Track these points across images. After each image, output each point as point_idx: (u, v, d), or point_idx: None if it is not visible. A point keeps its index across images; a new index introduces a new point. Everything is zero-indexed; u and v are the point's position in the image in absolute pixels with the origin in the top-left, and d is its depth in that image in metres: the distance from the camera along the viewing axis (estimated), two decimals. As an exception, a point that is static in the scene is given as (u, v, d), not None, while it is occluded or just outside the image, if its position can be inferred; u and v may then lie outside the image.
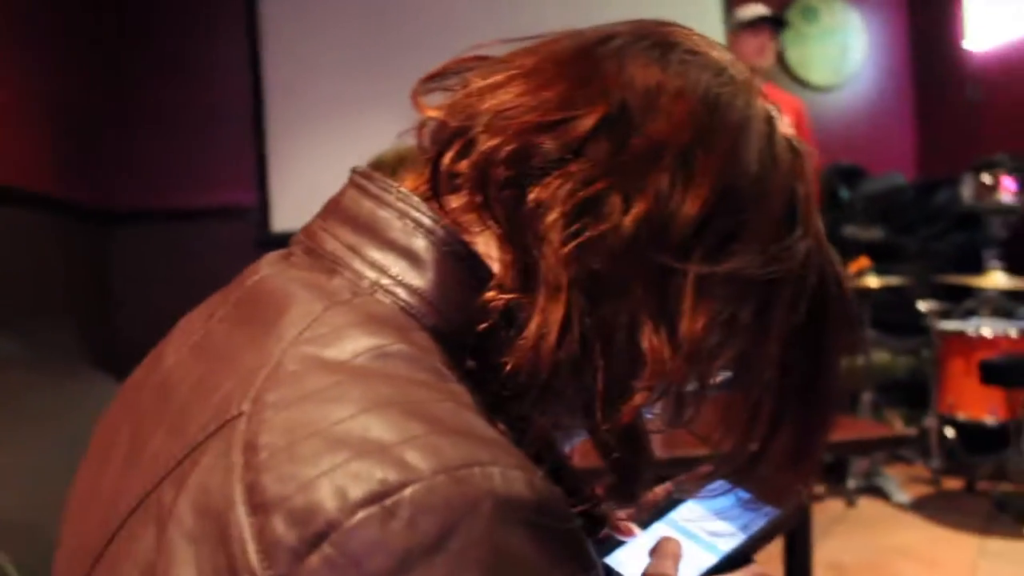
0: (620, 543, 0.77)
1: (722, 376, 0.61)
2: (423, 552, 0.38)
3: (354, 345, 0.47)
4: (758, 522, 0.73)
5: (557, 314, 0.51)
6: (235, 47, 4.51)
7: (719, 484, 0.73)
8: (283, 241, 0.62)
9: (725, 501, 0.74)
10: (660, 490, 0.81)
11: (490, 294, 0.53)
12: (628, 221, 0.52)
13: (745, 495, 0.72)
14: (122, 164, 4.39)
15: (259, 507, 0.40)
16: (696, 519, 0.77)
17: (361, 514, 0.38)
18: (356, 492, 0.39)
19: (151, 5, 4.49)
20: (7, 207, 3.28)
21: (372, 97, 4.41)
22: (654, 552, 0.68)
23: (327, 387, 0.44)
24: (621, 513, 0.78)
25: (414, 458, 0.40)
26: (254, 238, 4.42)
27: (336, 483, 0.39)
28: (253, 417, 0.43)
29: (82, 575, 0.51)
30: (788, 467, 0.64)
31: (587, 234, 0.52)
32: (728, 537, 0.74)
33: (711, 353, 0.57)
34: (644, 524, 0.82)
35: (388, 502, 0.38)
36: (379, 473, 0.39)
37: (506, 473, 0.41)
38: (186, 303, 0.63)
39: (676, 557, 0.67)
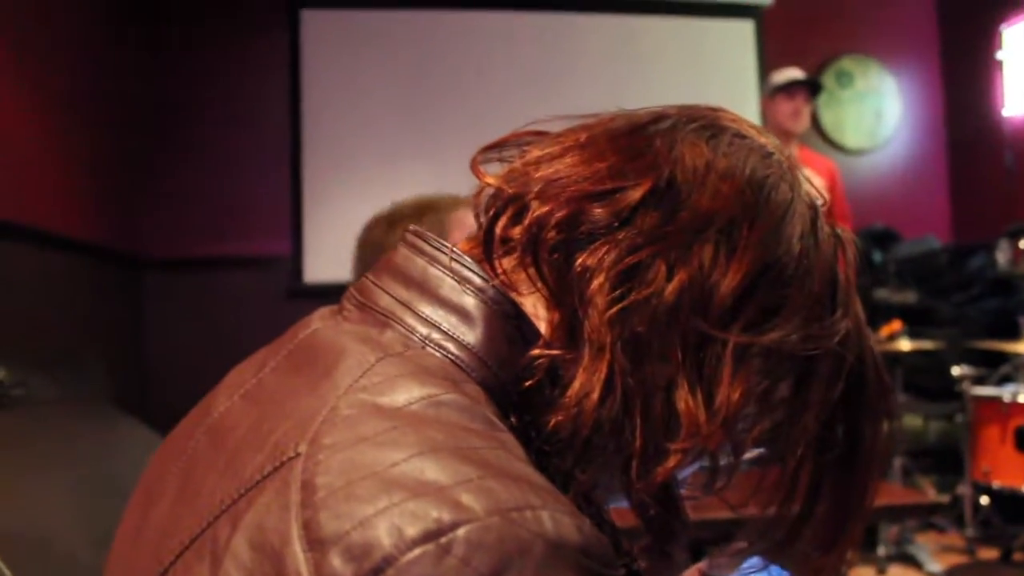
0: None
1: (757, 452, 0.62)
2: None
3: (408, 394, 0.49)
4: None
5: (600, 373, 0.53)
6: (275, 98, 4.60)
7: (755, 562, 0.74)
8: (315, 291, 0.64)
9: None
10: (695, 571, 0.81)
11: (536, 351, 0.55)
12: (671, 288, 0.54)
13: (784, 574, 0.73)
14: (157, 211, 4.47)
15: (316, 543, 0.41)
16: None
17: (417, 551, 0.40)
18: (412, 530, 0.40)
19: (191, 53, 4.59)
20: (41, 250, 3.34)
21: (408, 151, 4.48)
22: None
23: (382, 431, 0.46)
24: None
25: (468, 500, 0.41)
26: (286, 287, 4.47)
27: (393, 521, 0.40)
28: (310, 458, 0.45)
29: None
30: (825, 544, 0.65)
31: (631, 298, 0.54)
32: None
33: (747, 423, 0.59)
34: None
35: (443, 540, 0.40)
36: (435, 512, 0.40)
37: (556, 517, 0.42)
38: (218, 349, 0.64)
39: None
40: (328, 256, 4.48)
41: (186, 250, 4.52)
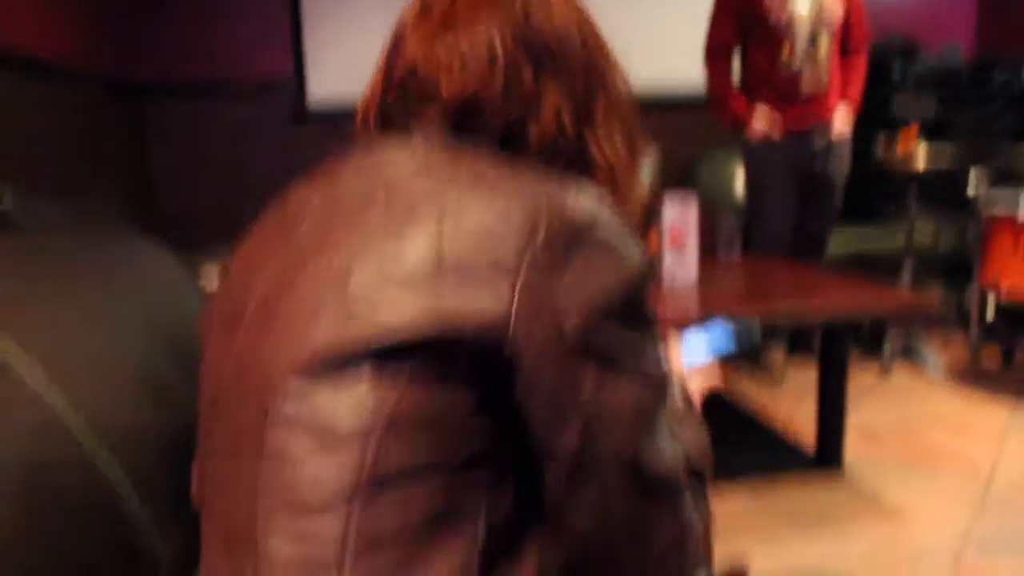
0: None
1: None
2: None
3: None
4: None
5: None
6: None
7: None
8: (319, 114, 0.64)
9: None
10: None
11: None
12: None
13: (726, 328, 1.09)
14: (156, 36, 4.38)
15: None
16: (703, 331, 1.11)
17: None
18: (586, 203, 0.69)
19: None
20: (44, 80, 3.30)
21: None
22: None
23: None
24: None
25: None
26: (289, 110, 4.43)
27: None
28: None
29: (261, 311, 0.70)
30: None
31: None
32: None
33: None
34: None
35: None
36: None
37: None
38: (224, 174, 0.65)
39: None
40: (332, 75, 4.41)
41: (187, 73, 4.44)
